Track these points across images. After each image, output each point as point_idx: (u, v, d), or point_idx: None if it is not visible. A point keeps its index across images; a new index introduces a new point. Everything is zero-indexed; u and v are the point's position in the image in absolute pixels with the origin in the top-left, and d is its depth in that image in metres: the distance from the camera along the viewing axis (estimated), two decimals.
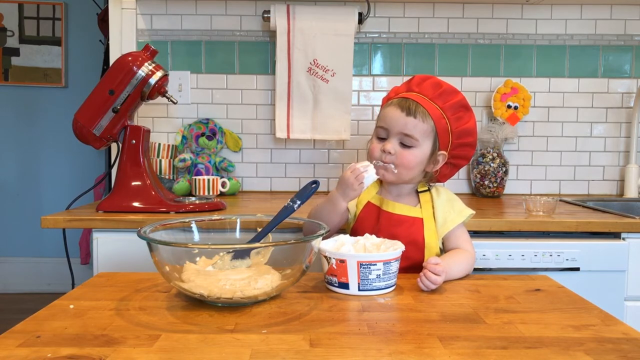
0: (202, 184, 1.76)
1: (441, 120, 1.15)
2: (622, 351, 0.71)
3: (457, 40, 2.03)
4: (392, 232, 1.15)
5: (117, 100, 1.48)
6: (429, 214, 1.18)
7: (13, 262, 3.41)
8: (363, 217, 1.21)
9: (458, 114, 1.16)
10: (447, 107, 1.15)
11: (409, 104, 1.14)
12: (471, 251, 1.15)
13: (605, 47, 2.04)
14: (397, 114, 1.14)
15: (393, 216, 1.18)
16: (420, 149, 1.14)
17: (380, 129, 1.18)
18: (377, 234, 1.13)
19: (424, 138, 1.14)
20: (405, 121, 1.13)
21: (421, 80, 1.19)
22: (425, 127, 1.13)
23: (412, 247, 1.13)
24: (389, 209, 1.19)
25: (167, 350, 0.70)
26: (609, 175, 2.08)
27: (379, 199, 1.22)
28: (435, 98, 1.16)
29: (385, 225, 1.17)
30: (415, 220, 1.17)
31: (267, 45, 2.01)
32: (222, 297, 0.84)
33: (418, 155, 1.14)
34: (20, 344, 0.72)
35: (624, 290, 1.46)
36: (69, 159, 3.38)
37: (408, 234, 1.15)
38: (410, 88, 1.20)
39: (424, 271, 0.99)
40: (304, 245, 0.91)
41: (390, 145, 1.14)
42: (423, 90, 1.17)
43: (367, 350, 0.70)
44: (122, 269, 1.36)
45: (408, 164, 1.14)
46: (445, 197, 1.21)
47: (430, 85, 1.17)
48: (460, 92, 1.19)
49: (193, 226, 1.03)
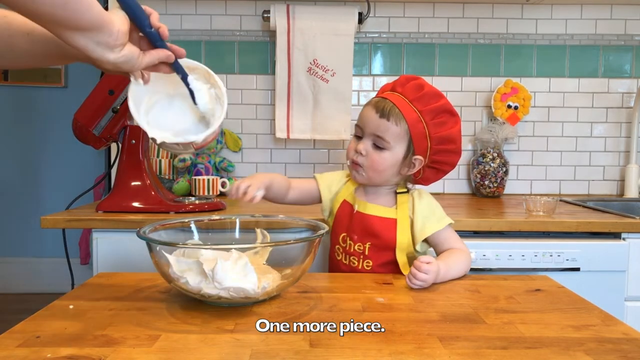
0: (201, 184, 1.76)
1: (417, 125, 1.10)
2: (622, 351, 0.71)
3: (457, 40, 2.03)
4: (365, 232, 1.15)
5: (116, 100, 1.48)
6: (404, 215, 1.15)
7: (13, 262, 3.41)
8: (339, 216, 1.20)
9: (439, 118, 1.11)
10: (427, 111, 1.10)
11: (384, 105, 1.11)
12: (465, 249, 1.14)
13: (605, 47, 2.04)
14: (372, 114, 1.12)
15: (365, 216, 1.16)
16: (392, 152, 1.11)
17: (357, 127, 1.16)
18: (351, 233, 1.16)
19: (396, 141, 1.11)
20: (378, 123, 1.11)
21: (405, 81, 1.15)
22: (398, 130, 1.10)
23: (385, 248, 1.14)
24: (361, 209, 1.17)
25: (167, 350, 0.70)
26: (609, 175, 2.08)
27: (353, 198, 1.20)
28: (415, 100, 1.11)
29: (358, 224, 1.16)
30: (388, 220, 1.15)
31: (267, 45, 2.01)
32: (222, 297, 0.84)
33: (388, 158, 1.12)
34: (19, 344, 0.71)
35: (624, 291, 1.46)
36: (69, 159, 3.37)
37: (380, 234, 1.14)
38: (394, 88, 1.16)
39: (412, 269, 0.99)
40: (303, 245, 0.90)
41: (362, 146, 1.13)
42: (405, 91, 1.13)
43: (367, 350, 0.70)
44: (122, 269, 1.36)
45: (377, 167, 1.12)
46: (426, 201, 1.17)
47: (412, 86, 1.13)
48: (445, 96, 1.13)
49: (192, 226, 1.03)
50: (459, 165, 2.04)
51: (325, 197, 1.24)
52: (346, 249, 1.18)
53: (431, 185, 1.24)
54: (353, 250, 1.16)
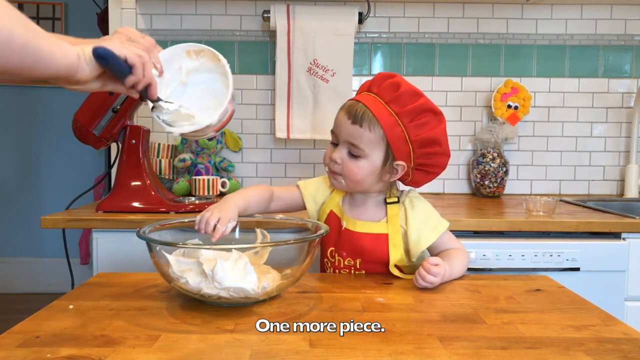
0: (202, 184, 1.76)
1: (395, 128, 1.01)
2: (622, 351, 0.71)
3: (457, 40, 2.03)
4: (354, 250, 1.09)
5: (116, 100, 1.48)
6: (395, 229, 1.08)
7: (13, 262, 3.41)
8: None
9: (420, 119, 1.01)
10: (405, 112, 1.00)
11: (356, 109, 1.02)
12: (463, 248, 1.12)
13: (605, 47, 2.04)
14: (344, 120, 1.04)
15: (354, 234, 1.09)
16: (369, 160, 1.03)
17: (332, 133, 1.09)
18: (340, 250, 1.11)
19: (371, 148, 1.02)
20: (350, 130, 1.02)
21: (382, 80, 1.05)
22: (373, 136, 1.01)
23: (376, 263, 1.09)
24: (350, 226, 1.09)
25: (167, 350, 0.70)
26: (609, 175, 2.08)
27: (340, 210, 1.13)
28: (391, 102, 1.01)
29: (347, 242, 1.10)
30: (379, 236, 1.08)
31: (267, 45, 2.01)
32: (222, 297, 0.84)
33: (365, 167, 1.04)
34: (19, 344, 0.71)
35: (624, 291, 1.46)
36: (69, 159, 3.37)
37: (371, 252, 1.08)
38: (370, 88, 1.07)
39: (420, 270, 0.98)
40: (303, 245, 0.90)
41: (337, 154, 1.05)
42: (381, 91, 1.03)
43: (367, 350, 0.70)
44: (121, 269, 1.36)
45: (353, 177, 1.04)
46: (419, 210, 1.09)
47: (388, 86, 1.03)
48: (424, 95, 1.03)
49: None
50: (458, 165, 2.05)
51: (311, 208, 1.17)
52: (335, 264, 1.13)
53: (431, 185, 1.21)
54: (343, 265, 1.11)
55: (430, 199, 1.17)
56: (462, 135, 2.05)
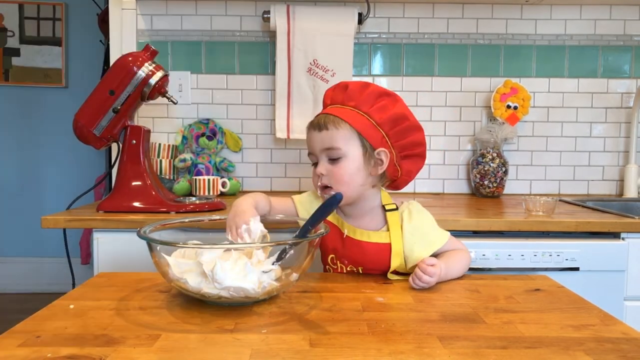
0: (202, 184, 1.77)
1: (359, 118, 1.06)
2: (622, 351, 0.71)
3: (457, 40, 2.03)
4: (357, 258, 1.10)
5: (117, 101, 1.48)
6: (397, 238, 1.09)
7: (13, 262, 3.41)
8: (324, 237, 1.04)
9: (378, 103, 1.07)
10: (360, 102, 1.07)
11: (318, 120, 1.09)
12: (464, 248, 1.13)
13: (604, 47, 2.04)
14: (313, 134, 1.09)
15: (357, 243, 1.10)
16: (348, 157, 1.06)
17: (309, 155, 1.13)
18: (342, 258, 1.12)
19: (346, 144, 1.05)
20: (320, 137, 1.07)
21: (331, 92, 1.13)
22: (342, 132, 1.05)
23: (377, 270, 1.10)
24: (351, 234, 1.11)
25: (167, 350, 0.70)
26: (609, 175, 2.08)
27: (339, 220, 1.13)
28: (345, 101, 1.08)
29: (349, 251, 1.11)
30: (381, 246, 1.08)
31: (267, 46, 2.02)
32: (222, 297, 0.85)
33: (348, 166, 1.06)
34: (20, 344, 0.72)
35: (623, 290, 1.46)
36: (70, 159, 3.38)
37: (374, 261, 1.09)
38: (324, 104, 1.15)
39: (416, 271, 0.99)
40: (303, 246, 0.91)
41: (320, 167, 1.08)
42: (334, 99, 1.11)
43: (367, 350, 0.71)
44: (122, 269, 1.36)
45: (341, 178, 1.06)
46: (416, 223, 1.10)
47: (338, 91, 1.11)
48: (371, 83, 1.10)
49: (193, 226, 1.03)
50: (458, 165, 2.05)
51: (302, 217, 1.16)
52: (337, 271, 1.14)
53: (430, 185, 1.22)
54: (345, 272, 1.13)
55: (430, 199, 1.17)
56: (461, 136, 2.05)
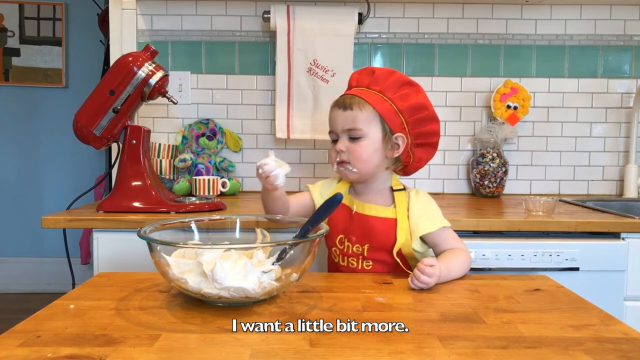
0: (202, 184, 1.77)
1: (382, 103, 1.13)
2: (622, 351, 0.71)
3: (457, 40, 2.03)
4: (364, 233, 1.15)
5: (117, 101, 1.48)
6: (403, 215, 1.15)
7: (13, 262, 3.41)
8: (334, 218, 1.19)
9: (401, 91, 1.14)
10: (385, 88, 1.13)
11: (343, 99, 1.15)
12: (465, 249, 1.14)
13: (604, 47, 2.04)
14: (336, 113, 1.16)
15: (364, 217, 1.16)
16: (369, 137, 1.13)
17: (330, 133, 1.20)
18: (349, 235, 1.16)
19: (368, 126, 1.13)
20: (344, 117, 1.14)
21: (357, 74, 1.20)
22: (366, 114, 1.12)
23: (384, 248, 1.14)
24: (360, 209, 1.17)
25: (167, 350, 0.70)
26: (609, 175, 2.08)
27: (349, 199, 1.21)
28: (371, 84, 1.15)
29: (357, 226, 1.16)
30: (388, 221, 1.15)
31: (267, 46, 2.02)
32: (222, 297, 0.85)
33: (368, 144, 1.13)
34: (20, 344, 0.72)
35: (623, 290, 1.46)
36: (70, 159, 3.38)
37: (380, 235, 1.14)
38: (350, 86, 1.21)
39: (415, 271, 0.99)
40: (304, 245, 0.91)
41: (340, 144, 1.15)
42: (360, 82, 1.18)
43: (367, 350, 0.71)
44: (122, 269, 1.36)
45: (360, 156, 1.13)
46: (423, 201, 1.17)
47: (365, 75, 1.17)
48: (397, 71, 1.17)
49: (193, 226, 1.03)
50: (458, 165, 2.05)
51: (318, 202, 1.24)
52: (344, 251, 1.18)
53: (430, 185, 1.24)
54: (351, 252, 1.17)
55: None
56: (461, 136, 2.05)
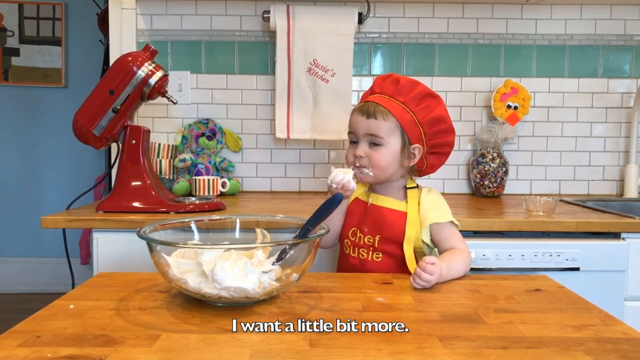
0: (202, 184, 1.77)
1: (404, 115, 1.16)
2: (622, 351, 0.71)
3: (457, 40, 2.03)
4: (376, 223, 1.19)
5: (117, 101, 1.48)
6: (413, 209, 1.19)
7: (13, 262, 3.41)
8: (351, 212, 1.25)
9: (423, 103, 1.17)
10: (409, 100, 1.16)
11: (368, 106, 1.18)
12: (466, 249, 1.15)
13: (605, 47, 2.04)
14: (359, 118, 1.18)
15: (377, 208, 1.21)
16: (389, 147, 1.17)
17: (350, 134, 1.23)
18: (362, 225, 1.20)
19: (389, 135, 1.16)
20: (367, 124, 1.17)
21: (381, 81, 1.22)
22: (388, 125, 1.15)
23: (394, 240, 1.17)
24: (374, 201, 1.22)
25: (167, 350, 0.70)
26: (609, 175, 2.08)
27: (367, 195, 1.26)
28: (395, 94, 1.17)
29: (370, 216, 1.21)
30: (399, 213, 1.19)
31: (267, 46, 2.01)
32: (222, 297, 0.84)
33: (387, 153, 1.17)
34: (20, 344, 0.72)
35: (623, 290, 1.46)
36: (69, 159, 3.38)
37: (391, 226, 1.18)
38: (373, 91, 1.23)
39: (416, 269, 0.99)
40: (304, 246, 0.91)
41: (360, 150, 1.19)
42: (384, 89, 1.20)
43: (367, 350, 0.70)
44: (122, 269, 1.36)
45: (379, 164, 1.17)
46: (434, 197, 1.22)
47: (389, 83, 1.19)
48: (420, 82, 1.19)
49: (193, 226, 1.03)
50: (458, 165, 2.05)
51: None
52: (355, 242, 1.22)
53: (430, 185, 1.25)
54: (363, 243, 1.20)
55: None
56: (461, 136, 2.05)
